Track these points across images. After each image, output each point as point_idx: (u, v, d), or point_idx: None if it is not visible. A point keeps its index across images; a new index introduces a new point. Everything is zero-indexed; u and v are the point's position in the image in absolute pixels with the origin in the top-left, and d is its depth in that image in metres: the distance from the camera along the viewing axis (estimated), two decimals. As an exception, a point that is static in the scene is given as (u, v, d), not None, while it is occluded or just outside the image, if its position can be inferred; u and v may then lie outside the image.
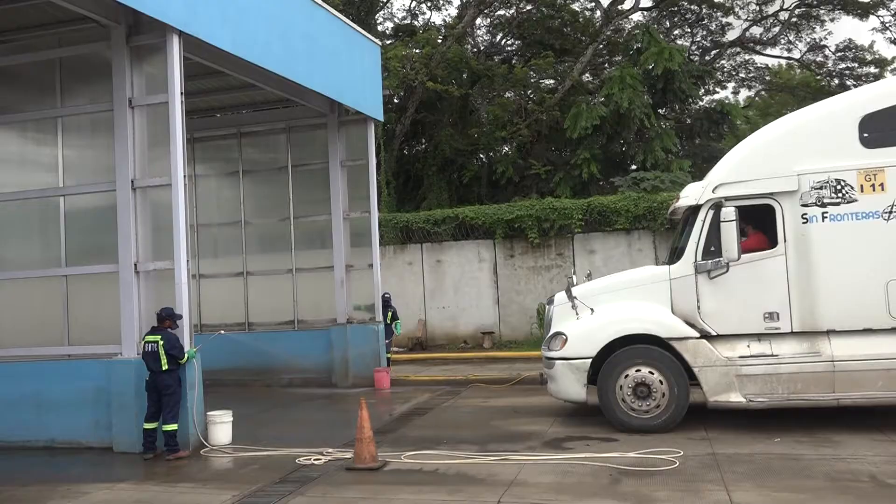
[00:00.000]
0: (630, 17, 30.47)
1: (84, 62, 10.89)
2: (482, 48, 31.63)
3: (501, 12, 31.00)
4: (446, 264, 21.11)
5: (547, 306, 10.36)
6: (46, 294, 10.86)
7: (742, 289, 9.11)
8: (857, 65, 32.30)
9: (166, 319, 9.36)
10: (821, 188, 8.93)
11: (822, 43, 32.30)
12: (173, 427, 9.16)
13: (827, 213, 8.90)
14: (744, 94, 37.32)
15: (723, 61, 33.50)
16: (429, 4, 32.75)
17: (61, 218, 10.86)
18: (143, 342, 9.37)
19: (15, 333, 10.95)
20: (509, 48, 32.38)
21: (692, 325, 9.26)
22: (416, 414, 11.60)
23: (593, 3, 31.03)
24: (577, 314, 9.67)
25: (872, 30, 34.73)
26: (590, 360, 9.40)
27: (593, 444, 8.77)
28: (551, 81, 29.89)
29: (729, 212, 8.99)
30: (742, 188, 9.20)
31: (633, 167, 24.92)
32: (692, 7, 31.25)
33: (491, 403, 10.75)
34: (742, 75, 35.22)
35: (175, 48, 9.74)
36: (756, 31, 32.60)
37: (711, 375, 9.07)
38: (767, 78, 36.12)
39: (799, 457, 7.92)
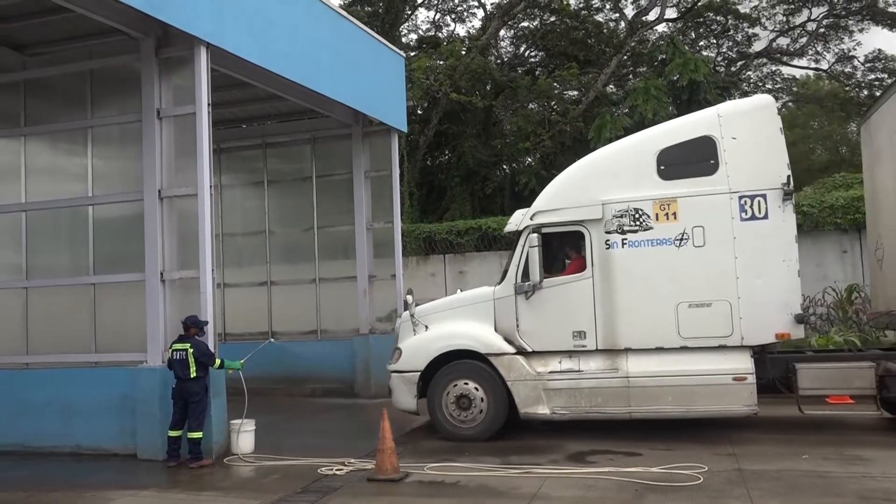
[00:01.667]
0: (655, 28, 30.36)
1: (113, 74, 11.09)
2: (506, 59, 31.69)
3: (525, 24, 31.06)
4: (469, 275, 21.03)
5: (397, 321, 11.06)
6: (75, 301, 11.04)
7: (555, 309, 9.74)
8: (886, 76, 31.83)
9: (192, 327, 9.45)
10: (621, 216, 9.54)
11: (851, 54, 31.91)
12: (198, 435, 9.23)
13: (626, 239, 9.52)
14: (770, 105, 36.94)
15: (749, 72, 33.19)
16: (453, 16, 32.93)
17: (90, 227, 11.05)
18: (170, 350, 9.46)
19: (44, 340, 11.13)
20: (533, 59, 32.39)
21: (511, 342, 9.89)
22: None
23: (618, 15, 30.98)
24: (414, 331, 10.41)
25: (902, 40, 34.31)
26: (419, 374, 10.13)
27: (617, 459, 8.68)
28: (575, 92, 29.82)
29: (533, 238, 9.69)
30: (556, 216, 9.84)
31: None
32: (718, 18, 31.05)
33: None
34: (769, 86, 34.86)
35: (203, 60, 9.88)
36: (783, 41, 32.31)
37: (522, 389, 9.73)
38: (794, 89, 35.75)
39: (827, 474, 7.77)
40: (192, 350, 9.28)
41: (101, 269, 10.91)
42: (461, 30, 33.33)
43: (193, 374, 9.25)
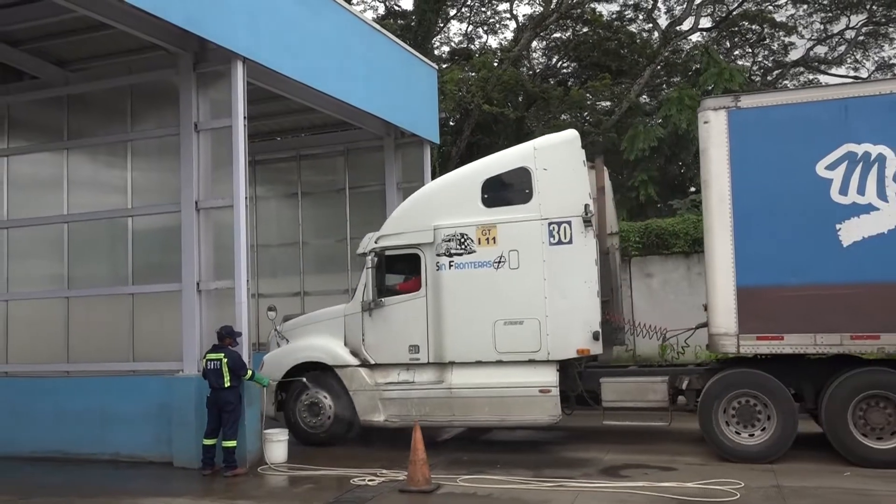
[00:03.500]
0: (689, 37, 30.11)
1: (153, 88, 11.32)
2: (538, 70, 31.67)
3: (557, 35, 31.02)
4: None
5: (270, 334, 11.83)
6: (114, 311, 11.25)
7: (395, 325, 10.45)
8: (929, 83, 31.08)
9: (227, 337, 9.57)
10: (449, 240, 10.24)
11: (892, 62, 31.28)
12: (232, 444, 9.32)
13: (453, 261, 10.21)
14: (808, 114, 36.30)
15: (786, 81, 32.72)
16: (485, 28, 33.01)
17: (129, 238, 11.26)
18: (204, 360, 9.59)
19: (84, 348, 11.37)
20: (565, 70, 32.33)
21: (357, 355, 10.61)
22: (469, 436, 11.54)
23: (651, 25, 30.81)
24: (278, 343, 11.23)
25: (945, 47, 33.39)
26: (276, 383, 10.82)
27: (651, 473, 8.57)
28: (608, 103, 29.68)
29: (368, 260, 10.55)
30: (397, 239, 10.60)
31: (692, 189, 24.43)
32: (753, 27, 30.68)
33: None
34: (806, 95, 34.24)
35: (239, 74, 10.05)
36: (821, 50, 31.83)
37: (362, 398, 10.47)
38: (833, 98, 35.08)
39: (869, 492, 7.58)
40: (225, 360, 9.39)
41: (140, 280, 11.12)
42: (493, 41, 33.38)
43: (227, 384, 9.36)
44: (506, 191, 10.19)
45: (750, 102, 9.15)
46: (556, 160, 10.04)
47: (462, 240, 10.16)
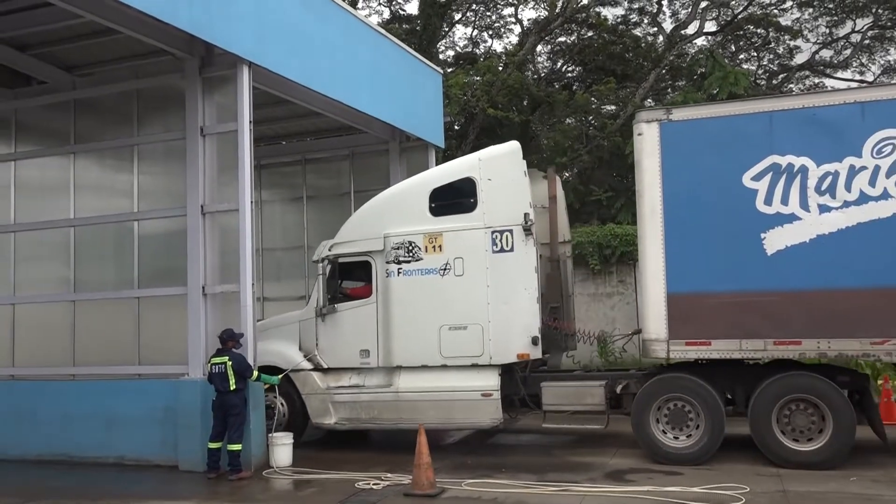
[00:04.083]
0: (694, 41, 30.10)
1: (159, 93, 11.37)
2: (543, 75, 31.68)
3: (562, 39, 31.04)
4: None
5: None
6: (120, 314, 11.27)
7: (347, 330, 10.70)
8: (935, 87, 30.93)
9: (229, 340, 9.60)
10: (398, 248, 10.54)
11: (898, 65, 31.19)
12: (238, 447, 9.33)
13: (402, 269, 10.50)
14: (813, 118, 36.17)
15: (791, 85, 32.67)
16: (490, 33, 33.05)
17: (135, 242, 11.30)
18: (209, 364, 9.61)
19: (90, 352, 11.39)
20: (570, 74, 32.32)
21: (311, 360, 10.83)
22: (475, 440, 11.53)
23: (656, 29, 30.80)
24: None
25: (951, 51, 33.25)
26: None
27: (656, 477, 8.55)
28: (613, 107, 29.66)
29: (318, 268, 10.89)
30: (350, 247, 10.87)
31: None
32: (758, 31, 30.64)
33: (552, 430, 10.62)
34: (812, 99, 34.12)
35: (245, 78, 10.10)
36: (826, 53, 31.76)
37: (314, 401, 10.75)
38: (839, 101, 34.92)
39: (876, 497, 7.55)
40: (230, 363, 9.42)
41: (146, 283, 11.15)
42: (498, 46, 33.43)
43: (233, 387, 9.38)
44: (452, 200, 10.43)
45: (681, 115, 9.42)
46: (500, 170, 10.28)
47: (410, 247, 10.43)
